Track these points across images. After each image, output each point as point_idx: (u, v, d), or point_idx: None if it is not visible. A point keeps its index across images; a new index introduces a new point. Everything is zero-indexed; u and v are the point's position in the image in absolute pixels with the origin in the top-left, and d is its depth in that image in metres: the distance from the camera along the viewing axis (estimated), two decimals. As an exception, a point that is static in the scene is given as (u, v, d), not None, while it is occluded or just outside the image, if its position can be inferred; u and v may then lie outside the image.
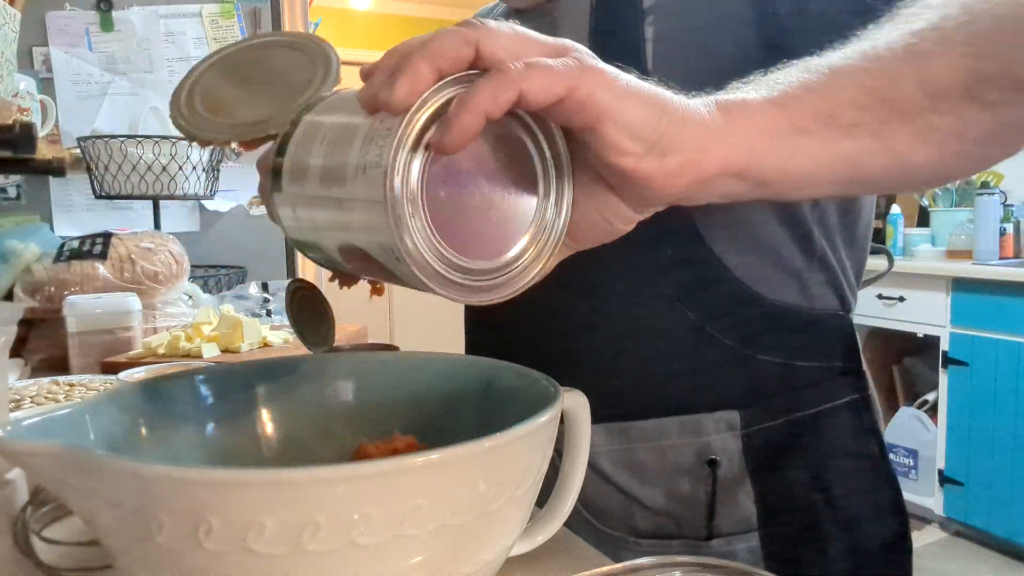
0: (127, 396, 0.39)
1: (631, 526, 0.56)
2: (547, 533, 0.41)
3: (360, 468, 0.27)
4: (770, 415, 0.53)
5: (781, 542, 0.53)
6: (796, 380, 0.54)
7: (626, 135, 0.33)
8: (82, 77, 1.73)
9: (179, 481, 0.26)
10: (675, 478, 0.54)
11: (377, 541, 0.27)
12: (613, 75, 0.33)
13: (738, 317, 0.53)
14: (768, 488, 0.53)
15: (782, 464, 0.53)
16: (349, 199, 0.33)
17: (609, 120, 0.33)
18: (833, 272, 0.55)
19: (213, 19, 1.78)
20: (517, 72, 0.30)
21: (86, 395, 0.71)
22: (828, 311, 0.55)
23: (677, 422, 0.53)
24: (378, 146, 0.31)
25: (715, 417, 0.53)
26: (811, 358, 0.54)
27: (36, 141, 0.98)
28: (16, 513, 0.39)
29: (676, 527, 0.55)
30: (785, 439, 0.53)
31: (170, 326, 1.07)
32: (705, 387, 0.53)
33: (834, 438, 0.54)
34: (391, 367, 0.48)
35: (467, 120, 0.30)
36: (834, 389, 0.55)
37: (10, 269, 1.07)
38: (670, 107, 0.34)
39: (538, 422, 0.32)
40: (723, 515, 0.53)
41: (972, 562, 2.39)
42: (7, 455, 0.30)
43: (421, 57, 0.31)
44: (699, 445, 0.53)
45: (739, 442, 0.53)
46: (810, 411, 0.54)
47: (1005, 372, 2.34)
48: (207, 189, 1.45)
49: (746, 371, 0.53)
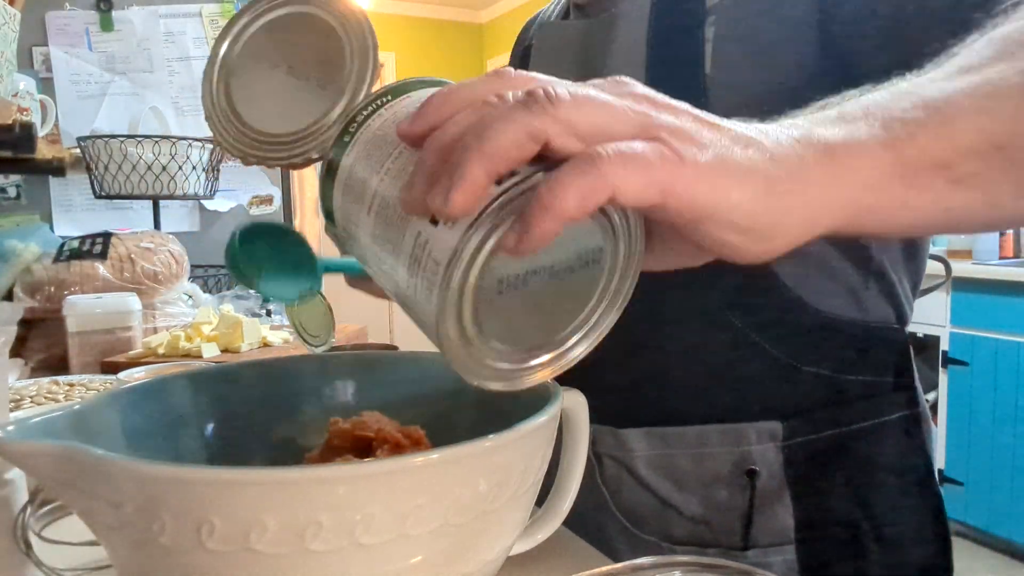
0: (127, 396, 0.39)
1: (667, 533, 0.55)
2: (547, 532, 0.41)
3: (361, 468, 0.27)
4: (814, 427, 0.52)
5: (818, 556, 0.52)
6: (844, 393, 0.52)
7: (731, 231, 0.29)
8: (82, 77, 1.73)
9: (182, 481, 0.26)
10: (713, 486, 0.53)
11: (379, 541, 0.27)
12: (711, 156, 0.28)
13: (786, 328, 0.51)
14: (808, 501, 0.52)
15: (824, 478, 0.52)
16: (399, 274, 0.31)
17: (712, 221, 0.29)
18: (890, 284, 0.53)
19: (213, 19, 1.78)
20: (609, 168, 0.25)
21: (86, 395, 0.71)
22: (882, 324, 0.54)
23: (718, 430, 0.52)
24: (433, 262, 0.28)
25: (757, 427, 0.52)
26: (861, 372, 0.53)
27: (36, 141, 0.98)
28: (16, 513, 0.39)
29: (712, 535, 0.54)
30: (829, 452, 0.52)
31: (170, 326, 1.07)
32: (748, 396, 0.52)
33: (881, 454, 0.53)
34: (391, 367, 0.48)
35: (548, 227, 0.25)
36: (884, 404, 0.53)
37: (10, 269, 1.07)
38: (773, 177, 0.29)
39: (538, 422, 0.32)
40: (760, 526, 0.52)
41: (972, 562, 2.39)
42: (7, 455, 0.30)
43: (478, 160, 0.25)
44: (739, 454, 0.52)
45: (780, 453, 0.52)
46: (857, 426, 0.52)
47: (1005, 372, 2.34)
48: (207, 189, 1.45)
49: (791, 382, 0.52)
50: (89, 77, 1.73)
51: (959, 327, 2.47)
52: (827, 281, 0.52)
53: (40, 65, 1.71)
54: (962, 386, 2.47)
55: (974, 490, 2.44)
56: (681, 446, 0.54)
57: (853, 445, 0.52)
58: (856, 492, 0.52)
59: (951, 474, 2.51)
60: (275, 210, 1.87)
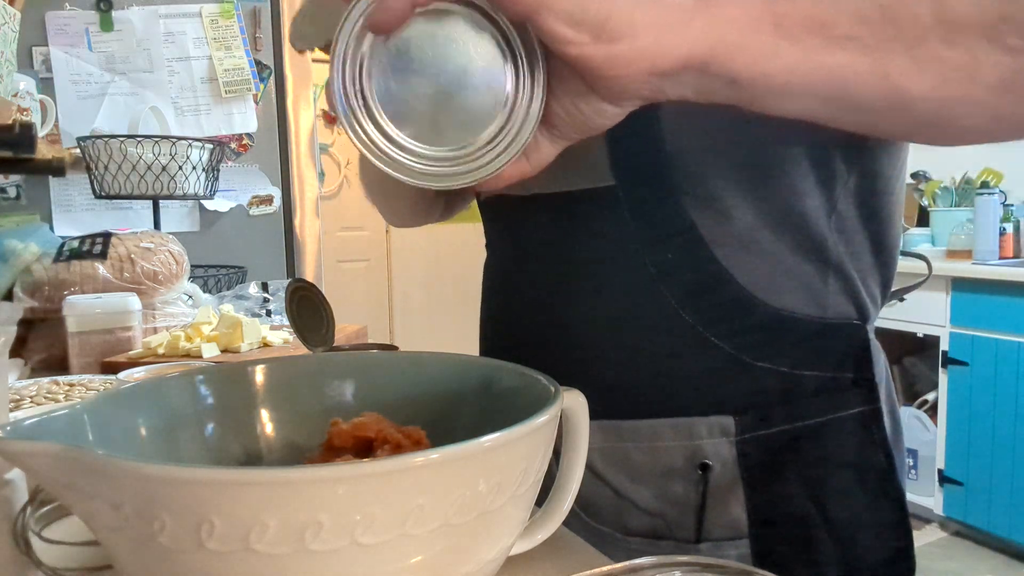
0: (127, 396, 0.39)
1: (622, 524, 0.56)
2: (546, 532, 0.41)
3: (361, 468, 0.27)
4: (767, 423, 0.52)
5: (771, 551, 0.52)
6: (799, 389, 0.52)
7: (564, 23, 0.31)
8: (82, 77, 1.73)
9: (182, 481, 0.26)
10: (667, 479, 0.54)
11: (380, 540, 0.27)
12: None
13: (739, 324, 0.51)
14: (761, 495, 0.52)
15: (778, 472, 0.52)
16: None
17: (543, 9, 0.31)
18: (851, 281, 0.53)
19: (213, 19, 1.78)
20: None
21: (86, 395, 0.71)
22: (842, 320, 0.53)
23: (670, 424, 0.53)
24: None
25: (709, 421, 0.52)
26: (818, 368, 0.52)
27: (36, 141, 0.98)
28: (16, 513, 0.39)
29: (666, 528, 0.54)
30: (783, 447, 0.52)
31: (170, 326, 1.07)
32: (700, 391, 0.52)
33: (837, 450, 0.53)
34: (391, 367, 0.48)
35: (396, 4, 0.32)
36: (842, 400, 0.53)
37: (10, 269, 1.07)
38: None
39: (538, 422, 0.32)
40: (713, 520, 0.52)
41: (971, 561, 2.39)
42: (7, 455, 0.30)
43: None
44: (692, 448, 0.52)
45: (733, 448, 0.52)
46: (812, 421, 0.52)
47: (1005, 372, 2.34)
48: (207, 189, 1.45)
49: (744, 378, 0.52)
50: (89, 77, 1.73)
51: (959, 327, 2.47)
52: (782, 278, 0.51)
53: (40, 65, 1.71)
54: (962, 386, 2.47)
55: (974, 490, 2.44)
56: (634, 440, 0.54)
57: (808, 440, 0.52)
58: (810, 487, 0.52)
59: (951, 474, 2.51)
60: (275, 210, 1.87)
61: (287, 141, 1.88)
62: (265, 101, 1.85)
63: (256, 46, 1.82)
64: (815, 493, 0.52)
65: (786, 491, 0.52)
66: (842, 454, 0.53)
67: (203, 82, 1.79)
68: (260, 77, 1.84)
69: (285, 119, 1.87)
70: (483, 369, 0.45)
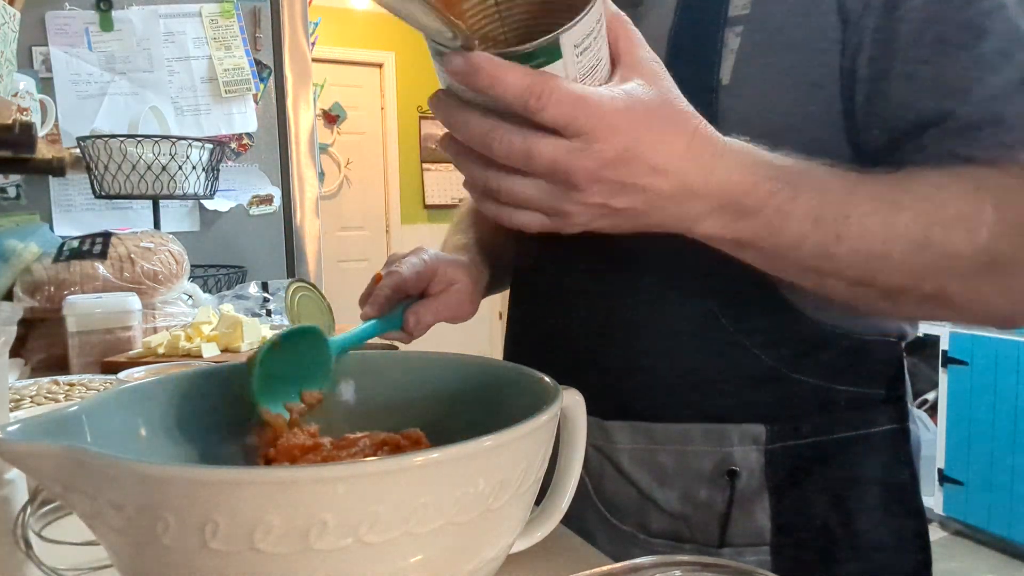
0: (127, 396, 0.39)
1: (645, 525, 0.56)
2: (546, 529, 0.41)
3: (363, 467, 0.27)
4: (798, 433, 0.52)
5: (792, 561, 0.52)
6: (832, 403, 0.53)
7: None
8: (82, 77, 1.73)
9: (186, 481, 0.26)
10: (694, 484, 0.54)
11: (384, 539, 0.27)
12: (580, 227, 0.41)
13: (778, 335, 0.52)
14: (786, 505, 0.52)
15: (804, 484, 0.52)
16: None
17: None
18: None
19: (213, 19, 1.78)
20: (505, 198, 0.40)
21: (86, 395, 0.71)
22: (878, 337, 0.54)
23: (702, 429, 0.53)
24: None
25: (741, 429, 0.52)
26: (852, 383, 0.53)
27: (36, 141, 0.98)
28: (16, 513, 0.39)
29: (689, 532, 0.54)
30: (812, 459, 0.52)
31: (170, 326, 1.07)
32: (734, 398, 0.52)
33: (864, 465, 0.53)
34: (391, 367, 0.48)
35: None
36: (872, 416, 0.54)
37: (10, 269, 1.07)
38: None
39: (539, 421, 0.32)
40: (737, 526, 0.53)
41: (971, 561, 2.39)
42: (7, 455, 0.30)
43: None
44: (721, 454, 0.53)
45: (762, 456, 0.52)
46: (843, 435, 0.53)
47: (1005, 372, 2.34)
48: (207, 189, 1.45)
49: (779, 388, 0.52)
50: (89, 77, 1.73)
51: (959, 327, 2.47)
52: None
53: (40, 65, 1.70)
54: (962, 386, 2.47)
55: (974, 489, 2.44)
56: (665, 442, 0.54)
57: (837, 454, 0.53)
58: (835, 499, 0.53)
59: (951, 473, 2.51)
60: (275, 210, 1.87)
61: (287, 141, 1.88)
62: (265, 101, 1.85)
63: (256, 46, 1.82)
64: (839, 505, 0.53)
65: (811, 502, 0.53)
66: (869, 470, 0.53)
67: (203, 82, 1.79)
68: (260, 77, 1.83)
69: (285, 119, 1.87)
70: (483, 369, 0.45)
